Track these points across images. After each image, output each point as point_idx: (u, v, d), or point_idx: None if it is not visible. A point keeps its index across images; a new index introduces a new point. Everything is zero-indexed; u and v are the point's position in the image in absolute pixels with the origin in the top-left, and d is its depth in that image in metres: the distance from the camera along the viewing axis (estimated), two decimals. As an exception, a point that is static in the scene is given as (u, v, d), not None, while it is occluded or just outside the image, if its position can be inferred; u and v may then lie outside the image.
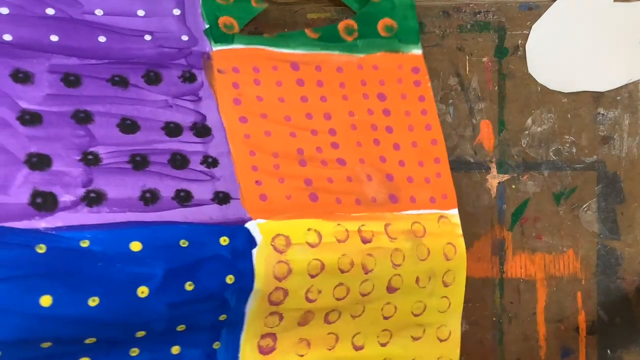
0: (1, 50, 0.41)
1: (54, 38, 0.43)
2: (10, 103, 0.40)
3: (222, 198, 0.44)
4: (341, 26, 0.51)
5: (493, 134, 0.52)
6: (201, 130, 0.45)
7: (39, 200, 0.39)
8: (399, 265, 0.47)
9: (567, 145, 0.52)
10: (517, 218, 0.53)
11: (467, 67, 0.52)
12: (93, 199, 0.40)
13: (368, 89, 0.50)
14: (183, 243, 0.41)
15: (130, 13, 0.46)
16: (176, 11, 0.47)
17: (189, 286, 0.40)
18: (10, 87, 0.41)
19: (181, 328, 0.41)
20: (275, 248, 0.43)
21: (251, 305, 0.43)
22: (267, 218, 0.44)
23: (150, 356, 0.42)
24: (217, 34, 0.47)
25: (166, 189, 0.43)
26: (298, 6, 0.51)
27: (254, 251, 0.43)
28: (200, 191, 0.43)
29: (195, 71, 0.46)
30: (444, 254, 0.49)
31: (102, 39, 0.44)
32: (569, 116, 0.52)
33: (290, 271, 0.43)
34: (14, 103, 0.40)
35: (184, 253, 0.41)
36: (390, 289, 0.47)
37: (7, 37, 0.42)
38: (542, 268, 0.53)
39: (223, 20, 0.48)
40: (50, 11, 0.43)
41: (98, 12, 0.45)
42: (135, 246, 0.39)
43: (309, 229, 0.44)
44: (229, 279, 0.42)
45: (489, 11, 0.52)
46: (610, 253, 0.53)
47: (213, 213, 0.43)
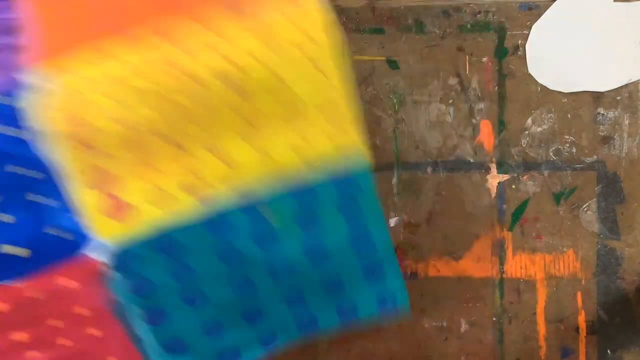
0: None
1: None
2: None
3: None
4: None
5: (493, 134, 0.52)
6: None
7: None
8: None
9: (567, 145, 0.52)
10: (517, 218, 0.53)
11: (467, 67, 0.52)
12: None
13: None
14: None
15: None
16: None
17: None
18: None
19: None
20: None
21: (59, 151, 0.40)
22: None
23: None
24: None
25: None
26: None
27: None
28: None
29: None
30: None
31: None
32: (569, 116, 0.52)
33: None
34: None
35: None
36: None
37: None
38: (542, 268, 0.53)
39: None
40: None
41: None
42: None
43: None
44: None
45: (489, 11, 0.52)
46: (610, 253, 0.53)
47: None
